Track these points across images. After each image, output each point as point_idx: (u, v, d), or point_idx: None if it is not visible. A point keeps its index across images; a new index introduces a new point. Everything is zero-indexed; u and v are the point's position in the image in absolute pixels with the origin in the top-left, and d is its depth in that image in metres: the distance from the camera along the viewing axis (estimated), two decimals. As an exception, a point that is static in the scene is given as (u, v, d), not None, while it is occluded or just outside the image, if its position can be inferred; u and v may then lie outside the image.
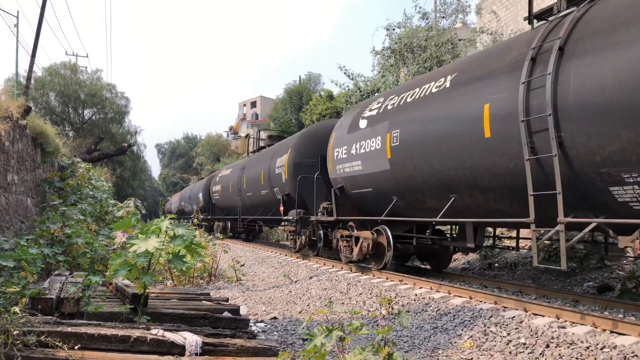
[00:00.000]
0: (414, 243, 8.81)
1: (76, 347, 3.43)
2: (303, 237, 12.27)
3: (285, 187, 13.34)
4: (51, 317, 3.98)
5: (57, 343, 3.40)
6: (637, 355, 4.09)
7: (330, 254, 12.10)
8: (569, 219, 5.22)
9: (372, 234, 9.03)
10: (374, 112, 9.14)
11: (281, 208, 13.59)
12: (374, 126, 8.87)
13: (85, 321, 3.99)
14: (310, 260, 12.32)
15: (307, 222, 12.02)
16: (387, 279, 8.65)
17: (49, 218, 7.96)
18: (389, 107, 8.64)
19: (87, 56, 76.02)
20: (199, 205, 26.94)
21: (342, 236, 10.25)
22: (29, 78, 16.70)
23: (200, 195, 26.96)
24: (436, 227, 9.80)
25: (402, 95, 8.44)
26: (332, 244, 11.08)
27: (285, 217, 13.54)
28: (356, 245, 9.59)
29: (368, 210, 9.78)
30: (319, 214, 11.22)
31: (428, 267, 10.21)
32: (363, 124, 9.35)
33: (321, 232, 11.53)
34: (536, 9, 6.75)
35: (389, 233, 8.69)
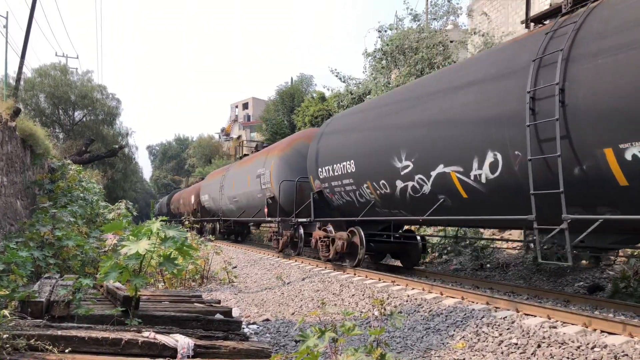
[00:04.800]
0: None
1: (67, 351, 3.41)
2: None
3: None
4: (41, 320, 3.95)
5: (47, 346, 3.37)
6: (627, 355, 4.12)
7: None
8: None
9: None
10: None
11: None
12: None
13: (75, 324, 3.95)
14: (304, 261, 12.31)
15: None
16: (379, 279, 8.66)
17: (39, 220, 7.89)
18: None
19: (77, 57, 75.38)
20: None
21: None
22: (18, 79, 16.54)
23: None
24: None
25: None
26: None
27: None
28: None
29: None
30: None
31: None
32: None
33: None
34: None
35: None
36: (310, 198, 11.40)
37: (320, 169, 10.75)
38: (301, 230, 12.57)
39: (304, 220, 12.14)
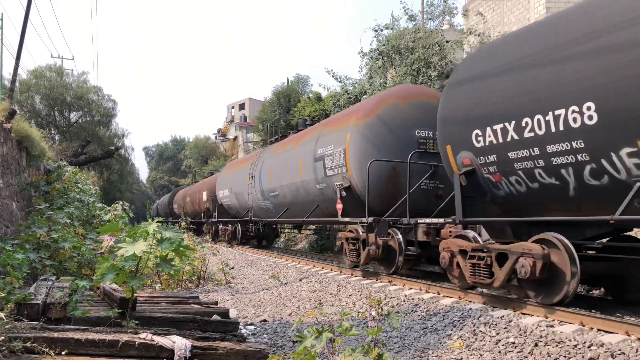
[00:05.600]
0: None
1: (63, 353, 3.39)
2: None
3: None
4: (37, 322, 3.93)
5: (43, 349, 3.36)
6: (623, 353, 4.13)
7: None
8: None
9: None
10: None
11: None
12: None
13: (72, 326, 3.94)
14: (300, 262, 12.27)
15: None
16: (376, 279, 8.63)
17: (35, 222, 7.85)
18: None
19: (73, 59, 75.25)
20: None
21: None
22: (13, 81, 16.50)
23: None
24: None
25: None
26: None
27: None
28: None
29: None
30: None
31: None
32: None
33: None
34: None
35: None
36: (456, 184, 6.78)
37: (476, 133, 6.30)
38: (400, 237, 8.41)
39: (439, 221, 7.58)
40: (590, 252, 6.44)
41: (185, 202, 29.36)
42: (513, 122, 5.82)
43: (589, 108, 4.99)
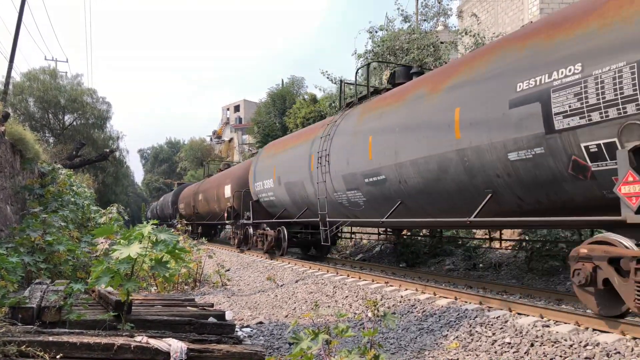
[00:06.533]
0: None
1: (58, 357, 3.37)
2: None
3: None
4: (32, 326, 3.91)
5: (38, 353, 3.34)
6: (619, 352, 4.15)
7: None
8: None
9: None
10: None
11: None
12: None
13: (67, 330, 3.92)
14: (297, 263, 12.25)
15: None
16: (372, 280, 8.65)
17: (29, 225, 7.80)
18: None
19: (66, 61, 74.96)
20: None
21: None
22: (7, 83, 16.46)
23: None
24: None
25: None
26: None
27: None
28: None
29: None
30: None
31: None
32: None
33: None
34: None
35: None
36: None
37: None
38: None
39: None
40: None
41: (197, 200, 23.40)
42: None
43: None
